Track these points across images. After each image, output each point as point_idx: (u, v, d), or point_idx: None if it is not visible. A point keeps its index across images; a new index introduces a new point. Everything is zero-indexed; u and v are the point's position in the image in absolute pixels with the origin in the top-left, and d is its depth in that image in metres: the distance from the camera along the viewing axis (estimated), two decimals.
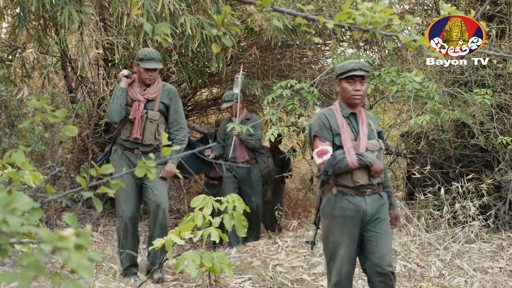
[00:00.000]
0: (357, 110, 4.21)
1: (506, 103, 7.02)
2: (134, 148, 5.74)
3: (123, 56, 7.17)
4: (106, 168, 1.92)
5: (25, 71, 7.25)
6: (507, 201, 7.22)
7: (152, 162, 2.04)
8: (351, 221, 4.05)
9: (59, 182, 7.75)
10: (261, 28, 7.27)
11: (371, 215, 4.09)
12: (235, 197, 5.24)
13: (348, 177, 4.07)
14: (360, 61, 4.31)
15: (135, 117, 5.67)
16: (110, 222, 8.20)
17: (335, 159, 4.01)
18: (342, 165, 4.01)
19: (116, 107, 5.66)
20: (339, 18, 2.22)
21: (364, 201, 4.09)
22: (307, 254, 6.43)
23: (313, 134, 4.16)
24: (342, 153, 4.04)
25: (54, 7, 5.98)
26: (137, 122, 5.66)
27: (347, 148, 4.05)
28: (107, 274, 5.71)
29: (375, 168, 4.07)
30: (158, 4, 5.98)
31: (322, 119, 4.15)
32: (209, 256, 4.64)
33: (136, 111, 5.68)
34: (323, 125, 4.12)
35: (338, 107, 4.20)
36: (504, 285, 5.44)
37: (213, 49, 2.55)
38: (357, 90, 4.11)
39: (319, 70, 9.31)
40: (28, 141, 6.74)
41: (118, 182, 1.93)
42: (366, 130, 4.17)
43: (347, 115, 4.18)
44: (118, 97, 5.68)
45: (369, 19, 2.23)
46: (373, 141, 4.19)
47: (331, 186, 4.11)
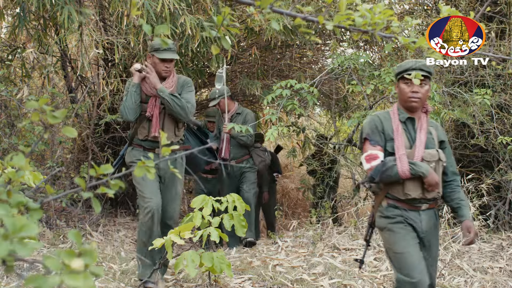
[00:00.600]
0: (417, 116, 3.83)
1: (506, 103, 7.02)
2: (155, 148, 5.31)
3: (123, 56, 7.17)
4: (105, 168, 1.91)
5: (25, 71, 7.25)
6: (507, 201, 7.22)
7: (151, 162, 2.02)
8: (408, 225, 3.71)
9: (59, 182, 7.75)
10: (261, 28, 7.27)
11: (425, 233, 3.74)
12: (235, 196, 5.24)
13: (399, 188, 3.72)
14: (421, 60, 3.92)
15: (152, 114, 5.26)
16: (110, 222, 8.20)
17: (384, 166, 3.68)
18: (392, 173, 3.66)
19: (130, 104, 5.21)
20: (338, 19, 2.22)
21: (418, 217, 3.73)
22: (307, 254, 6.44)
23: (364, 137, 3.83)
24: (393, 160, 3.69)
25: (54, 7, 5.98)
26: (155, 120, 5.25)
27: (399, 155, 3.69)
28: (107, 274, 5.71)
29: (429, 180, 3.66)
30: (158, 4, 5.98)
31: (375, 121, 3.82)
32: (208, 256, 4.64)
33: (153, 107, 5.26)
34: (375, 128, 3.79)
35: (396, 110, 3.85)
36: (504, 285, 5.43)
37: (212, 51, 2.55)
38: (414, 92, 3.73)
39: (319, 70, 9.32)
40: (28, 141, 6.74)
41: (117, 183, 1.91)
42: (424, 138, 3.77)
43: (404, 119, 3.81)
44: (132, 94, 5.22)
45: (368, 21, 2.23)
46: (431, 150, 3.77)
47: (381, 199, 3.80)
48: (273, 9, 2.17)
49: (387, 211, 3.76)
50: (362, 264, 4.12)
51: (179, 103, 5.21)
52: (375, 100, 7.61)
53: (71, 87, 8.31)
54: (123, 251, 6.96)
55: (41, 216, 1.72)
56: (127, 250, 7.08)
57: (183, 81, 5.44)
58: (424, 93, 3.75)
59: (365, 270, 5.79)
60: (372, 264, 5.94)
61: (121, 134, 8.28)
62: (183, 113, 5.24)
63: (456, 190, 3.87)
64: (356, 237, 6.79)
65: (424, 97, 3.77)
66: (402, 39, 2.33)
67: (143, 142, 5.34)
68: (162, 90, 5.18)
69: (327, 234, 7.02)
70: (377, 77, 6.87)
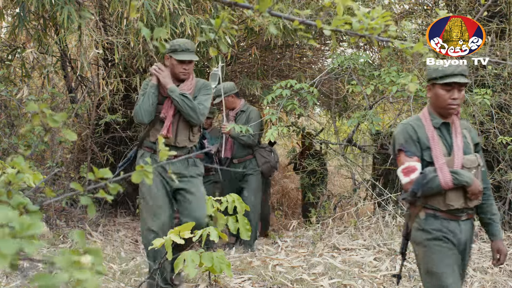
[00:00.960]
0: (450, 120, 3.57)
1: (506, 103, 7.02)
2: None
3: (122, 56, 7.17)
4: (104, 173, 1.90)
5: (25, 71, 7.25)
6: (506, 201, 7.22)
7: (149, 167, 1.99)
8: (448, 243, 3.44)
9: (59, 182, 7.74)
10: (260, 28, 7.27)
11: (464, 244, 3.51)
12: (235, 197, 5.24)
13: (440, 199, 3.45)
14: (460, 64, 3.63)
15: (166, 115, 5.01)
16: (110, 222, 8.20)
17: (425, 178, 3.40)
18: (434, 185, 3.38)
19: (147, 106, 4.96)
20: (335, 23, 2.22)
21: (458, 227, 3.48)
22: (307, 254, 6.44)
23: (398, 148, 3.54)
24: (433, 170, 3.42)
25: (53, 7, 5.98)
26: (168, 121, 5.00)
27: (439, 165, 3.42)
28: (107, 274, 5.71)
29: (473, 189, 3.41)
30: (158, 4, 5.98)
31: (408, 130, 3.53)
32: (208, 256, 4.64)
33: (168, 108, 5.02)
34: (409, 137, 3.51)
35: (428, 116, 3.57)
36: (504, 285, 5.43)
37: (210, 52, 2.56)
38: (454, 98, 3.48)
39: (319, 70, 9.32)
40: (28, 141, 6.73)
41: (116, 186, 1.90)
42: (461, 144, 3.52)
43: (438, 125, 3.54)
44: (150, 95, 4.98)
45: (366, 25, 2.23)
46: (470, 156, 3.52)
47: (418, 210, 3.52)
48: (271, 13, 2.17)
49: (425, 224, 3.47)
50: (399, 279, 3.93)
51: (190, 104, 4.96)
52: (375, 100, 7.61)
53: (71, 87, 8.31)
54: (123, 251, 6.95)
55: (41, 217, 1.72)
56: (127, 250, 7.08)
57: (202, 84, 5.19)
58: (462, 99, 3.54)
59: (365, 270, 5.80)
60: (372, 264, 5.93)
61: (121, 134, 8.29)
62: (194, 114, 4.98)
63: (489, 201, 3.63)
64: (356, 237, 6.79)
65: (461, 101, 3.56)
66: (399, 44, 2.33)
67: (155, 145, 5.07)
68: (172, 90, 4.97)
69: (327, 234, 7.02)
70: (377, 77, 6.87)
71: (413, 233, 3.56)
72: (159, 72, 5.01)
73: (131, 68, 7.72)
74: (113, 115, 7.46)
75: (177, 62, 5.02)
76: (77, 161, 8.37)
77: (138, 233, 7.99)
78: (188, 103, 4.96)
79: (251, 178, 7.39)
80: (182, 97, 4.95)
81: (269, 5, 2.12)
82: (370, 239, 6.60)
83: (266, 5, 2.11)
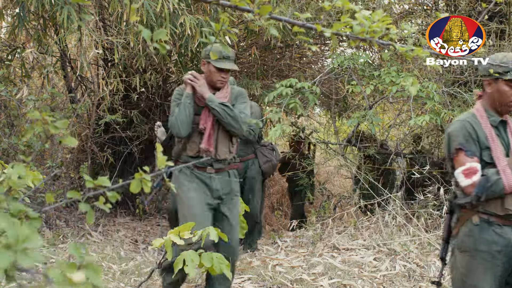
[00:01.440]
0: (506, 117, 3.35)
1: None
2: (206, 166, 4.62)
3: (122, 56, 7.17)
4: (103, 181, 1.88)
5: (25, 71, 7.25)
6: None
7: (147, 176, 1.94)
8: (497, 259, 3.20)
9: (59, 182, 7.75)
10: (260, 28, 7.27)
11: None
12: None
13: (498, 203, 3.20)
14: None
15: (205, 126, 4.58)
16: (109, 222, 8.20)
17: (488, 181, 3.14)
18: (497, 189, 3.14)
19: (184, 118, 4.53)
20: (336, 27, 2.22)
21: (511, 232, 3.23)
22: (307, 254, 6.43)
23: (457, 147, 3.26)
24: (495, 173, 3.16)
25: (53, 7, 5.98)
26: (208, 132, 4.57)
27: (502, 166, 3.17)
28: (107, 274, 5.71)
29: None
30: (158, 4, 5.97)
31: (467, 128, 3.26)
32: (208, 256, 4.63)
33: (207, 119, 4.60)
34: (469, 135, 3.24)
35: (483, 113, 3.32)
36: None
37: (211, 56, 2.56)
38: None
39: (319, 70, 9.32)
40: (28, 141, 6.73)
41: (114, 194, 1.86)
42: None
43: (495, 123, 3.31)
44: (186, 106, 4.57)
45: (366, 29, 2.23)
46: None
47: (471, 214, 3.26)
48: (272, 16, 2.17)
49: (479, 232, 3.23)
50: (439, 286, 3.65)
51: (231, 113, 4.57)
52: (374, 100, 7.61)
53: (70, 87, 8.31)
54: (123, 251, 6.96)
55: (41, 222, 1.72)
56: (127, 250, 7.08)
57: (238, 92, 4.81)
58: None
59: (365, 270, 5.79)
60: (372, 264, 5.93)
61: (120, 134, 8.29)
62: (236, 124, 4.58)
63: None
64: (355, 237, 6.78)
65: None
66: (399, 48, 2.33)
67: (193, 159, 4.56)
68: (211, 100, 4.56)
69: (327, 234, 7.02)
70: (377, 77, 6.87)
71: (461, 238, 3.31)
72: (194, 81, 4.63)
73: (131, 68, 7.72)
74: (113, 115, 7.46)
75: (216, 70, 4.62)
76: (77, 161, 8.37)
77: (137, 233, 7.99)
78: (229, 113, 4.56)
79: (253, 181, 7.10)
80: (222, 107, 4.55)
81: (269, 10, 2.12)
82: (370, 239, 6.60)
83: (267, 10, 2.12)
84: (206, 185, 4.58)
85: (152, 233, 8.17)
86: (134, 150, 8.53)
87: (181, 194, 4.53)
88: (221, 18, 2.16)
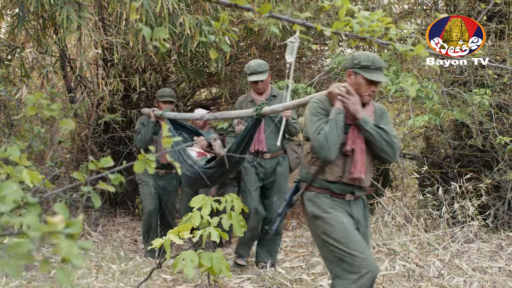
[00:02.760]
0: None
1: (505, 103, 7.02)
2: (346, 193, 3.99)
3: (122, 56, 7.17)
4: (106, 162, 1.89)
5: (24, 71, 7.24)
6: (506, 201, 7.23)
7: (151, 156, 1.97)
8: None
9: (58, 182, 7.75)
10: (260, 28, 7.27)
11: None
12: (233, 196, 5.25)
13: None
14: None
15: (353, 148, 3.93)
16: (109, 222, 8.20)
17: None
18: None
19: (336, 139, 3.84)
20: (336, 26, 2.22)
21: None
22: (306, 254, 6.43)
23: None
24: None
25: (53, 7, 5.98)
26: (359, 156, 3.93)
27: None
28: (106, 274, 5.71)
29: None
30: (157, 4, 5.97)
31: None
32: (207, 256, 4.64)
33: (356, 139, 3.95)
34: None
35: None
36: (503, 285, 5.43)
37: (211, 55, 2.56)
38: None
39: (318, 70, 9.33)
40: (27, 141, 6.73)
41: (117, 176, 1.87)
42: None
43: None
44: (339, 124, 3.87)
45: (366, 28, 2.23)
46: None
47: None
48: (272, 15, 2.18)
49: None
50: None
51: (387, 138, 3.93)
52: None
53: (70, 87, 8.31)
54: (122, 251, 6.96)
55: (39, 211, 1.71)
56: (126, 250, 7.08)
57: (380, 109, 4.18)
58: None
59: None
60: None
61: (120, 134, 8.28)
62: (391, 151, 3.95)
63: None
64: None
65: None
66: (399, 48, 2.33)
67: (332, 185, 3.98)
68: (366, 121, 3.91)
69: None
70: None
71: None
72: (348, 98, 3.93)
73: (130, 68, 7.72)
74: (112, 115, 7.46)
75: (366, 83, 3.96)
76: (76, 161, 8.37)
77: (137, 233, 7.99)
78: (385, 137, 3.93)
79: (282, 179, 6.32)
80: (377, 129, 3.93)
81: (269, 9, 2.12)
82: None
83: (267, 8, 2.12)
84: (351, 215, 4.00)
85: None
86: (133, 150, 8.53)
87: (328, 216, 3.91)
88: (221, 16, 2.17)
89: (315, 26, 2.21)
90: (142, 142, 6.88)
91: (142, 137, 6.90)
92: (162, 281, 5.57)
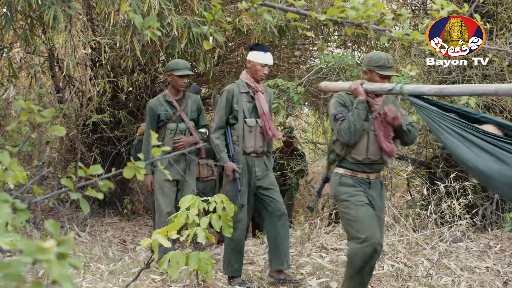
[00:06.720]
0: None
1: (493, 103, 7.05)
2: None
3: (110, 56, 7.15)
4: (95, 169, 1.88)
5: (12, 71, 7.21)
6: (494, 200, 7.25)
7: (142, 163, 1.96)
8: None
9: (46, 182, 7.72)
10: (249, 29, 7.27)
11: None
12: (222, 197, 5.23)
13: None
14: None
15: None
16: (97, 222, 8.18)
17: None
18: None
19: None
20: (331, 12, 2.22)
21: None
22: (295, 254, 6.43)
23: None
24: None
25: (41, 7, 5.96)
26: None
27: None
28: (95, 274, 5.69)
29: None
30: (145, 4, 5.96)
31: None
32: (195, 256, 4.63)
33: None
34: None
35: None
36: (491, 284, 5.45)
37: (204, 46, 2.55)
38: None
39: (307, 70, 9.33)
40: (15, 142, 6.70)
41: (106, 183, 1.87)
42: None
43: None
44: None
45: (361, 13, 2.23)
46: None
47: None
48: (265, 3, 2.17)
49: None
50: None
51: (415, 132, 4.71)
52: None
53: (58, 87, 8.28)
54: (111, 251, 6.94)
55: (29, 217, 1.71)
56: (115, 250, 7.06)
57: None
58: None
59: None
60: None
61: (108, 134, 8.26)
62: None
63: None
64: (344, 237, 6.79)
65: None
66: (395, 32, 2.33)
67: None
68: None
69: (315, 234, 7.02)
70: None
71: None
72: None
73: (118, 68, 7.70)
74: (99, 115, 7.45)
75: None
76: (64, 161, 8.35)
77: (126, 233, 7.98)
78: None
79: None
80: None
81: None
82: None
83: None
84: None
85: (140, 233, 8.15)
86: (122, 150, 8.51)
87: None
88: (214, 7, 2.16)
89: (309, 14, 2.21)
90: (353, 133, 4.50)
91: (350, 125, 4.48)
92: (151, 281, 5.56)
